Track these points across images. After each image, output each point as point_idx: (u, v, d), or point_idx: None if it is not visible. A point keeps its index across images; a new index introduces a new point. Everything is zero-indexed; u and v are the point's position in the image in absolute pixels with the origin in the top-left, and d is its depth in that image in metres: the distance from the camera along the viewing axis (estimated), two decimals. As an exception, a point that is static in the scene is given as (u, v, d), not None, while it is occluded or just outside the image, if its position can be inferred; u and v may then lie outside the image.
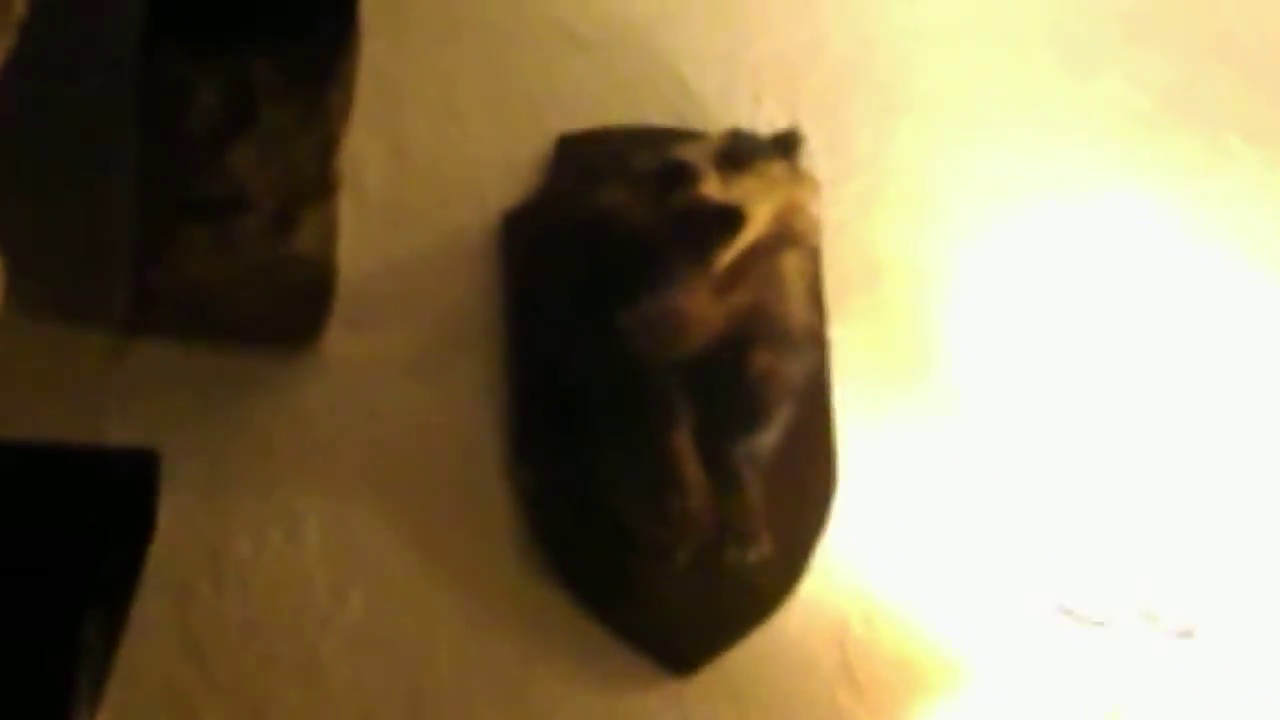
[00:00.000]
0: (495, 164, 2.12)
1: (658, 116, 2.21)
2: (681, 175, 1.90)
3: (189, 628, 1.85)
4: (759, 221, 1.91)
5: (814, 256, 2.06)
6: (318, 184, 1.82)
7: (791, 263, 2.00)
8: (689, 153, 1.95)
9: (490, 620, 1.98)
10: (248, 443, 1.95)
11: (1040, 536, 2.16)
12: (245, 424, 1.97)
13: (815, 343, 2.05)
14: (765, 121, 2.16)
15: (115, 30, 1.93)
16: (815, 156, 2.12)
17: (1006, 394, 2.23)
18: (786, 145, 1.99)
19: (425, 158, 2.12)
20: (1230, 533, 2.19)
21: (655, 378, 1.97)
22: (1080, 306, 2.28)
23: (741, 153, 1.96)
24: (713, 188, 1.89)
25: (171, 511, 1.76)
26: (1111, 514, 2.15)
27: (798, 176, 1.98)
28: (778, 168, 1.95)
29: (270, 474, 1.94)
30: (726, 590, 2.00)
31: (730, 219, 1.90)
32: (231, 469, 1.93)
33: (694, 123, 2.18)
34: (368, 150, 2.04)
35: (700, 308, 1.94)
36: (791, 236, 1.98)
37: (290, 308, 1.87)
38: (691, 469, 1.97)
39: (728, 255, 1.90)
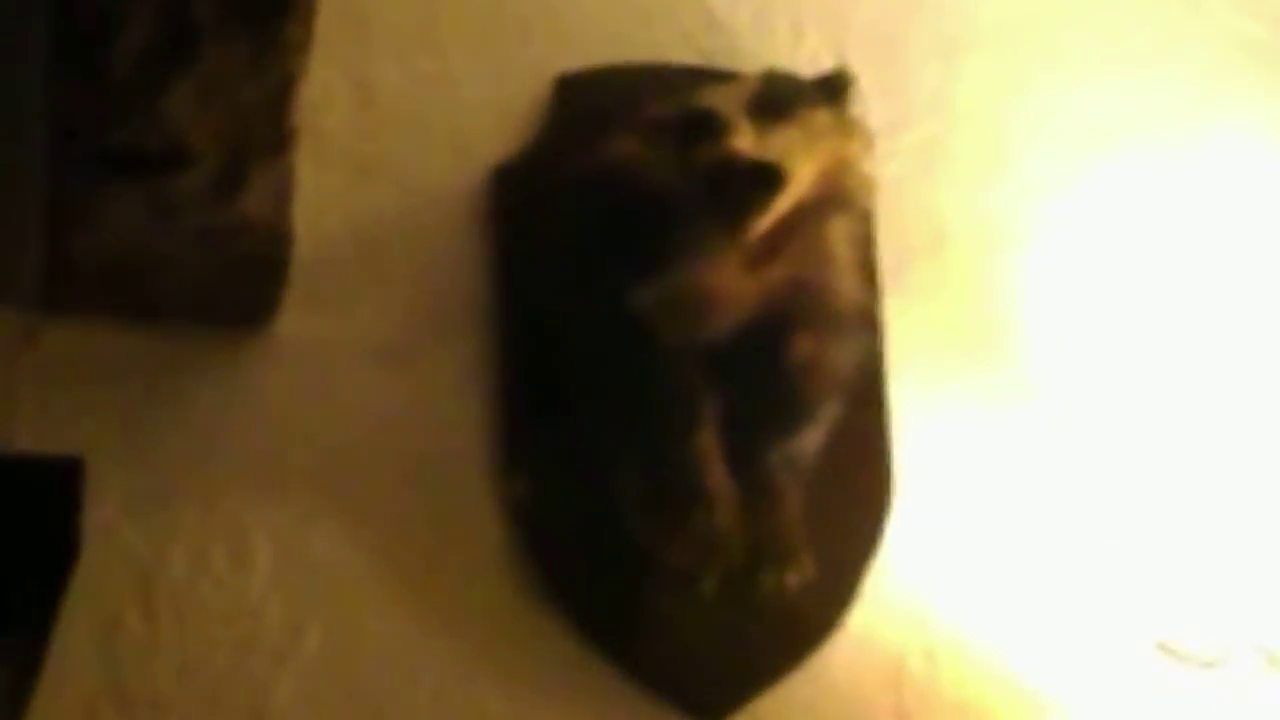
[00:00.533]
0: (481, 108, 2.10)
1: (679, 53, 2.21)
2: (708, 125, 1.90)
3: (116, 666, 1.83)
4: (801, 181, 1.91)
5: (866, 221, 2.07)
6: (270, 135, 1.77)
7: (839, 229, 2.01)
8: (716, 98, 1.94)
9: (476, 658, 1.97)
10: (186, 445, 1.93)
11: (1137, 560, 2.15)
12: (183, 422, 1.94)
13: (867, 325, 2.07)
14: (808, 60, 2.18)
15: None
16: (867, 102, 2.09)
17: (1096, 385, 2.25)
18: (833, 89, 1.99)
19: (399, 102, 2.09)
20: None
21: (675, 367, 1.97)
22: (1184, 276, 2.28)
23: (780, 98, 1.95)
24: (745, 141, 1.89)
25: (97, 528, 1.77)
26: (1223, 535, 2.15)
27: (846, 126, 1.98)
28: (823, 116, 1.95)
29: (213, 482, 1.91)
30: (761, 622, 2.00)
31: (767, 178, 1.90)
32: (167, 477, 1.90)
33: (722, 61, 2.19)
34: (330, 95, 2.02)
35: (730, 284, 1.95)
36: (839, 198, 1.98)
37: (237, 282, 1.86)
38: (718, 477, 1.97)
39: (764, 221, 1.90)
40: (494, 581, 2.00)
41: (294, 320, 1.97)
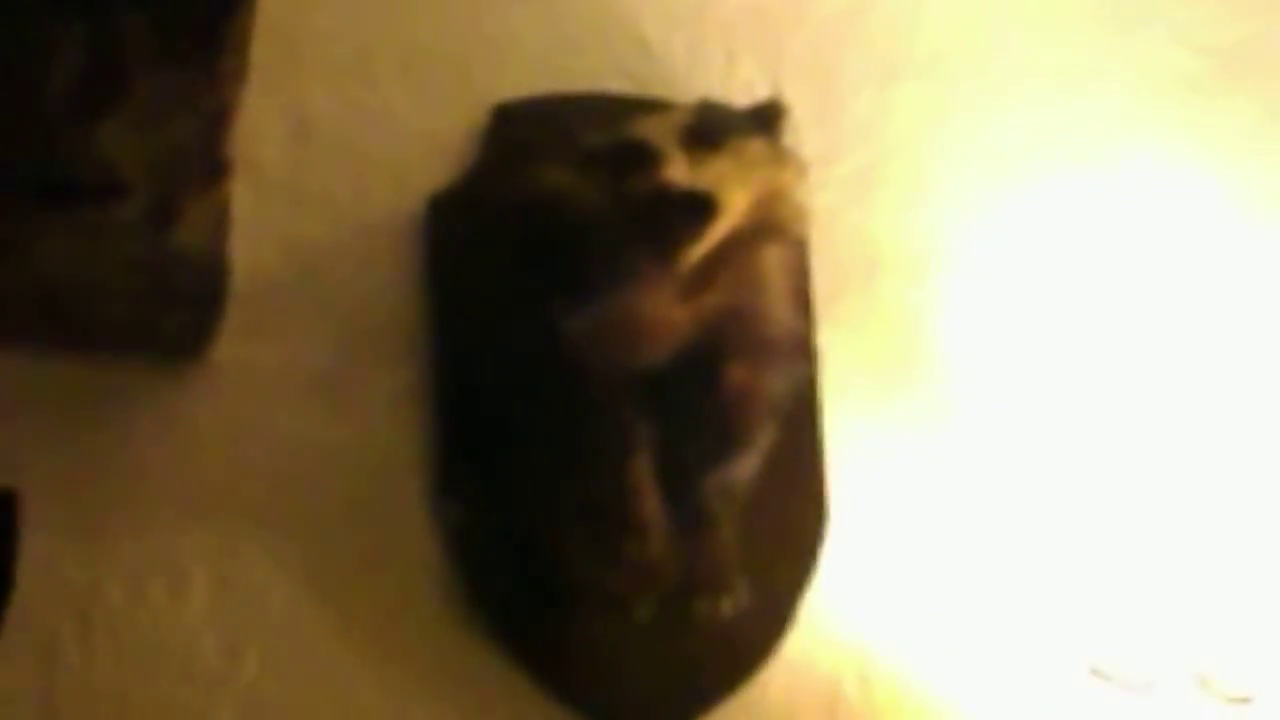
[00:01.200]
0: (417, 138, 2.08)
1: (613, 82, 2.20)
2: (641, 155, 1.88)
3: (53, 696, 1.82)
4: (734, 210, 1.90)
5: (800, 250, 2.07)
6: (205, 165, 1.75)
7: (773, 258, 2.00)
8: (650, 128, 1.93)
9: (412, 686, 1.96)
10: (121, 474, 1.92)
11: (1068, 584, 2.16)
12: (119, 452, 1.93)
13: (801, 352, 2.06)
14: (741, 89, 2.17)
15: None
16: (800, 131, 2.08)
17: (1027, 409, 2.23)
18: (767, 118, 1.98)
19: (333, 132, 2.08)
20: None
21: (608, 395, 1.96)
22: (1117, 303, 2.28)
23: (713, 128, 1.94)
24: (678, 170, 1.87)
25: (32, 559, 1.76)
26: (1155, 558, 2.11)
27: (780, 156, 1.97)
28: (756, 145, 1.94)
29: (149, 512, 1.90)
30: (696, 649, 2.01)
31: (699, 207, 1.88)
32: (103, 507, 1.89)
33: (656, 90, 2.18)
34: (266, 125, 2.01)
35: (663, 311, 1.94)
36: (773, 227, 1.97)
37: (172, 312, 1.84)
38: (651, 504, 1.96)
39: (697, 250, 1.87)
40: (429, 608, 1.99)
41: (230, 349, 1.94)
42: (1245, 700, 2.02)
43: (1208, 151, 2.34)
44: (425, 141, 2.10)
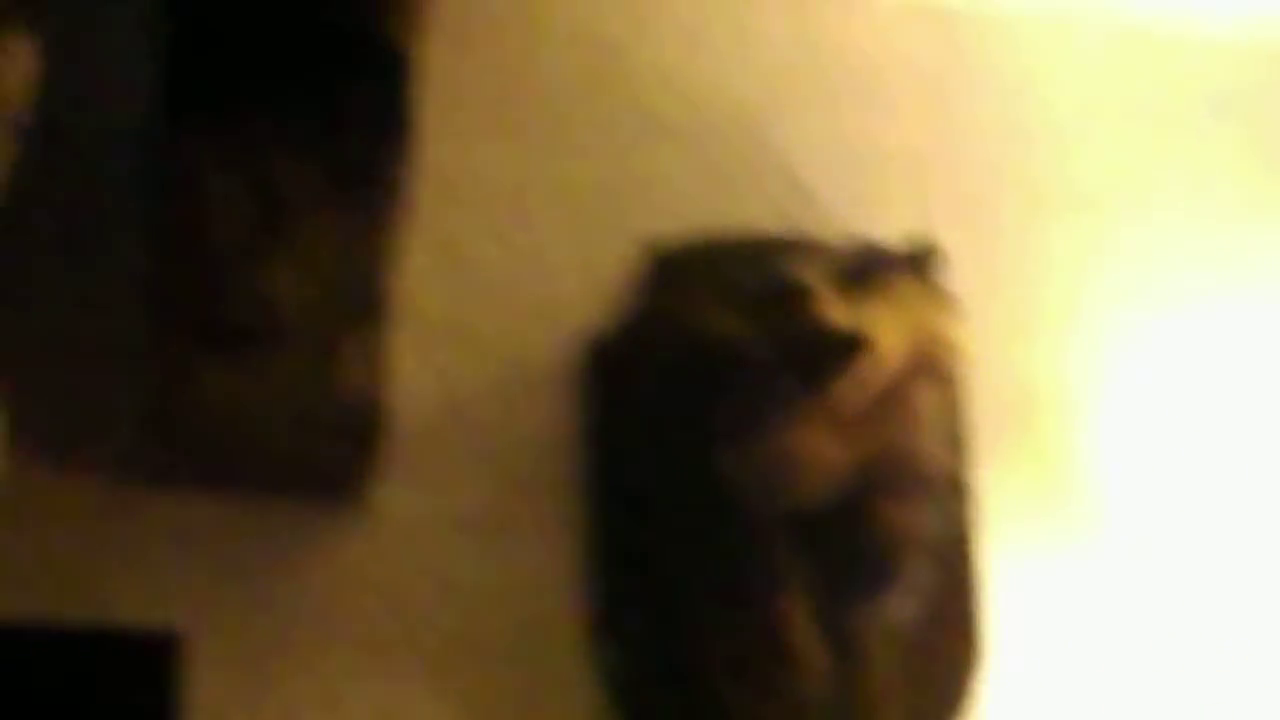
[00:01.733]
0: (573, 278, 2.08)
1: (765, 221, 2.19)
2: (796, 295, 1.92)
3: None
4: (888, 351, 1.92)
5: (955, 389, 2.05)
6: (364, 307, 1.77)
7: (928, 397, 2.00)
8: (803, 268, 1.96)
9: None
10: (282, 616, 1.92)
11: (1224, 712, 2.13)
12: (279, 593, 1.93)
13: (955, 490, 2.05)
14: (894, 228, 2.16)
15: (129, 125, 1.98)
16: (955, 270, 2.10)
17: (1184, 546, 2.15)
18: (920, 259, 2.00)
19: (490, 272, 2.09)
20: None
21: (762, 531, 1.95)
22: (1265, 435, 2.22)
23: (867, 268, 1.97)
24: (832, 310, 1.91)
25: (193, 703, 1.76)
26: None
27: (935, 296, 2.00)
28: (910, 286, 1.97)
29: (310, 654, 1.90)
30: None
31: (852, 346, 1.91)
32: (261, 646, 1.88)
33: (809, 230, 2.18)
34: (424, 266, 2.00)
35: (817, 449, 1.93)
36: (928, 367, 1.98)
37: (332, 452, 1.82)
38: (805, 640, 1.93)
39: (852, 390, 1.88)
40: None
41: (388, 490, 1.94)
42: None
43: None
44: (580, 281, 2.09)
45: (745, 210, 2.19)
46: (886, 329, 1.92)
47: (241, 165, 1.77)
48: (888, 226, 2.15)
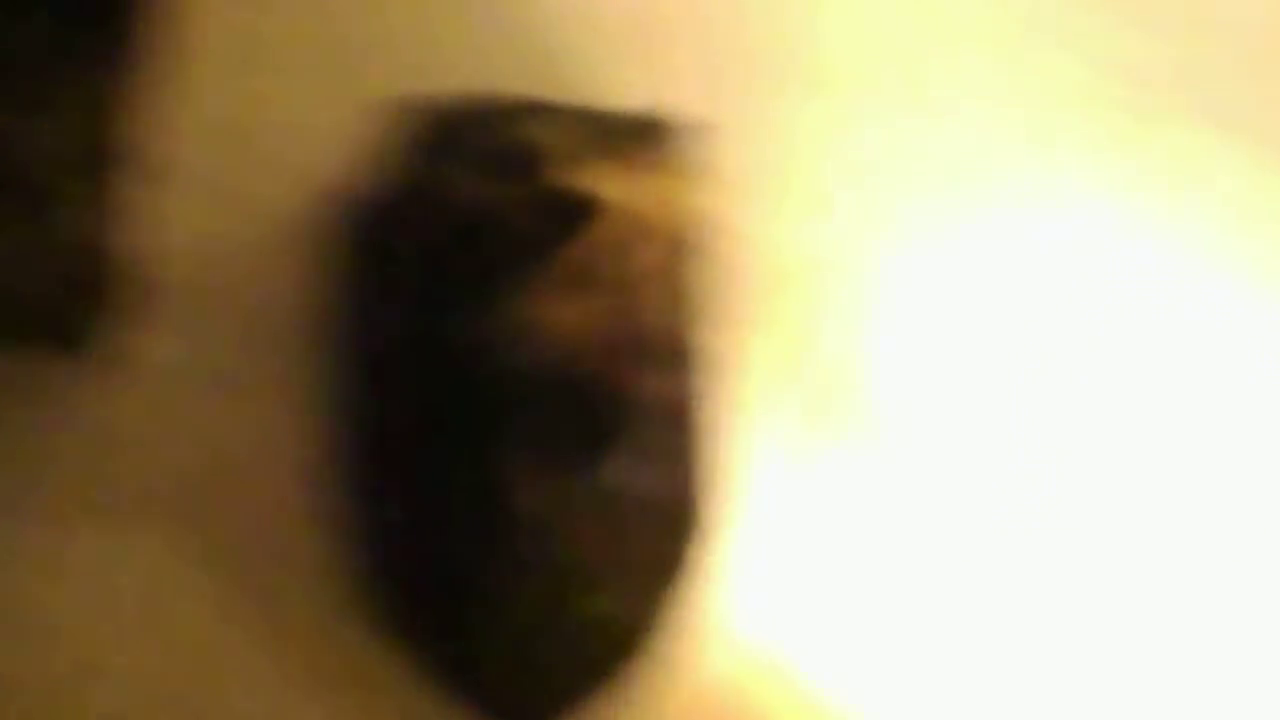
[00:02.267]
0: (319, 134, 2.05)
1: (507, 83, 2.16)
2: (535, 158, 1.89)
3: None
4: (630, 216, 1.91)
5: (698, 258, 2.00)
6: (96, 157, 1.77)
7: (670, 265, 1.96)
8: (543, 132, 1.92)
9: (311, 683, 1.91)
10: (10, 469, 1.90)
11: (961, 598, 2.14)
12: (6, 446, 1.91)
13: (699, 359, 1.97)
14: (641, 96, 2.15)
15: None
16: (705, 140, 2.08)
17: (936, 421, 2.24)
18: (668, 127, 1.97)
19: (239, 128, 2.05)
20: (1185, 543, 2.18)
21: (495, 396, 1.92)
22: (1016, 310, 2.27)
23: (611, 134, 1.95)
24: (573, 175, 1.91)
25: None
26: (1053, 555, 2.11)
27: (683, 165, 1.97)
28: (657, 154, 1.95)
29: (34, 506, 1.89)
30: (577, 645, 1.96)
31: (583, 210, 1.89)
32: (-2, 500, 1.90)
33: (553, 93, 2.15)
34: (175, 120, 1.98)
35: (555, 316, 1.89)
36: (671, 234, 1.96)
37: (59, 301, 1.80)
38: (535, 503, 1.91)
39: (592, 255, 1.89)
40: (330, 606, 1.95)
41: (127, 341, 1.93)
42: None
43: (1123, 170, 2.35)
44: (337, 141, 2.05)
45: (485, 73, 2.14)
46: (629, 195, 1.91)
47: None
48: (636, 95, 2.11)
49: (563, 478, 1.92)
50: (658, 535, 1.99)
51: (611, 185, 1.88)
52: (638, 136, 1.94)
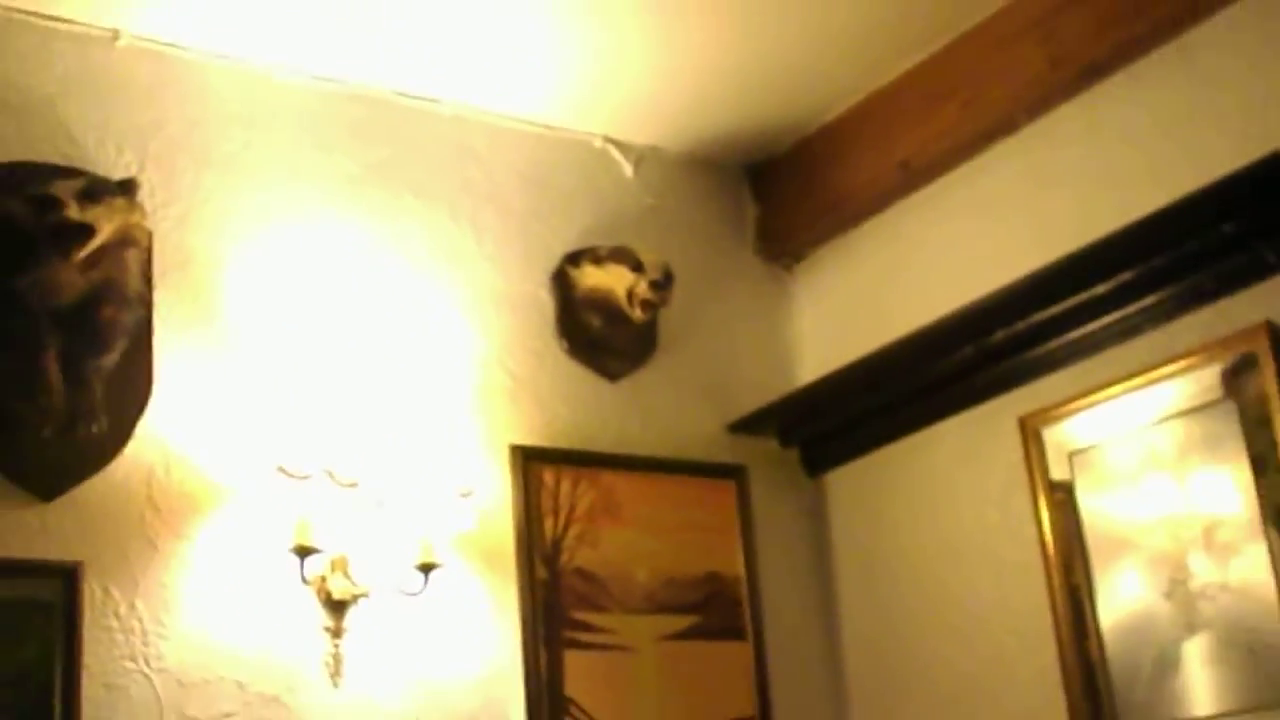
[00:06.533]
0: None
1: (53, 156, 2.82)
2: (53, 203, 2.58)
3: None
4: (105, 233, 2.60)
5: (146, 251, 2.78)
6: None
7: (131, 255, 2.70)
8: (59, 188, 2.59)
9: None
10: None
11: (275, 425, 2.86)
12: None
13: (144, 303, 2.74)
14: (121, 169, 2.86)
15: None
16: (151, 191, 2.86)
17: (270, 335, 2.95)
18: (128, 187, 2.70)
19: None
20: (378, 412, 2.90)
21: (37, 321, 2.61)
22: (316, 291, 3.04)
23: (96, 190, 2.65)
24: (73, 211, 2.58)
25: None
26: (317, 407, 2.87)
27: (134, 205, 2.69)
28: (120, 200, 2.66)
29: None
30: (78, 450, 2.65)
31: (84, 232, 2.59)
32: None
33: (80, 163, 2.81)
34: None
35: (67, 280, 2.61)
36: (130, 240, 2.69)
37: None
38: (56, 377, 2.63)
39: (85, 252, 2.59)
40: None
41: None
42: (355, 485, 2.80)
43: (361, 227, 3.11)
44: None
45: (45, 151, 2.81)
46: (105, 221, 2.62)
47: None
48: (119, 169, 2.86)
49: (77, 366, 2.55)
50: (129, 394, 2.75)
51: (96, 216, 2.60)
52: (115, 191, 2.66)
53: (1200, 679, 2.65)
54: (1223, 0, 2.71)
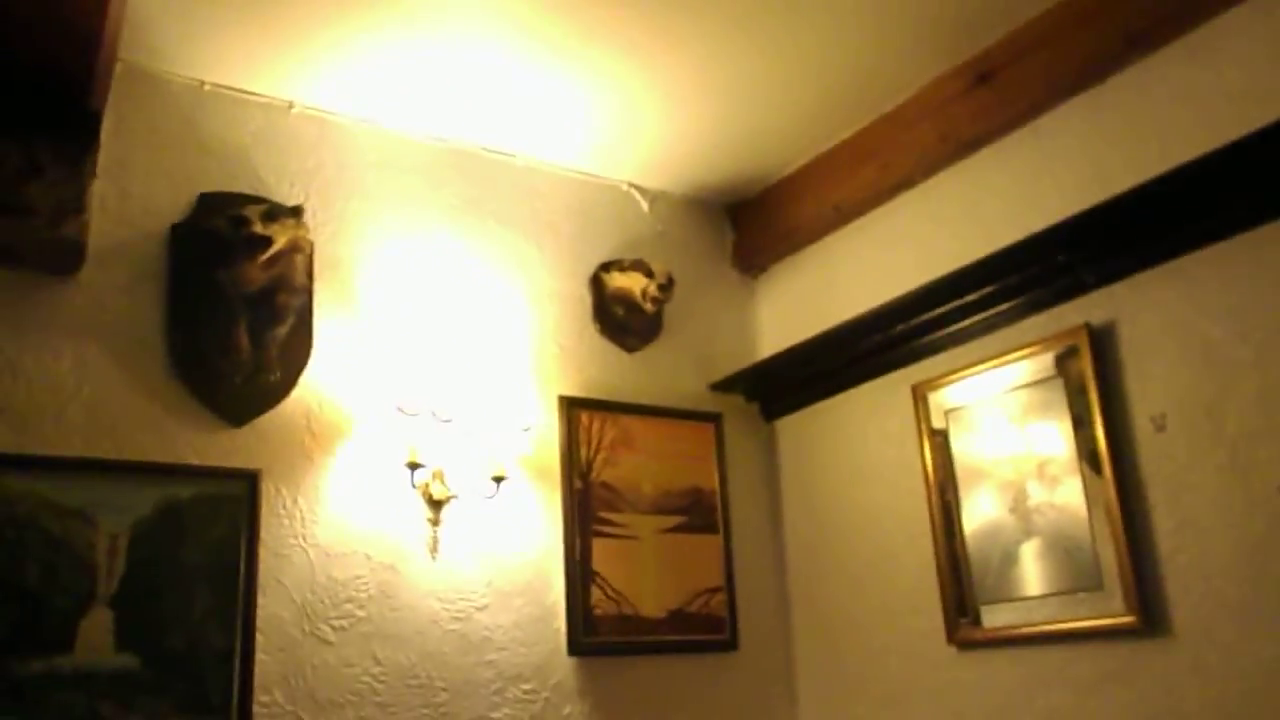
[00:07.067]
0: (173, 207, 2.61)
1: (246, 188, 2.76)
2: (244, 220, 2.54)
3: None
4: (280, 243, 2.56)
5: (309, 257, 2.71)
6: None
7: (298, 258, 2.64)
8: (249, 210, 2.55)
9: (146, 408, 2.42)
10: None
11: (395, 378, 2.78)
12: None
13: (307, 292, 2.68)
14: (293, 198, 2.79)
15: None
16: (313, 214, 2.79)
17: (393, 316, 2.84)
18: (297, 211, 2.64)
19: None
20: (467, 370, 2.79)
21: (233, 302, 2.57)
22: (426, 286, 2.91)
23: (275, 212, 2.59)
24: (258, 227, 2.54)
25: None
26: (425, 367, 2.76)
27: (301, 224, 2.62)
28: (291, 220, 2.60)
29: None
30: (259, 392, 2.62)
31: (265, 242, 2.55)
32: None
33: (264, 193, 2.76)
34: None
35: (254, 275, 2.56)
36: (298, 248, 2.62)
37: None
38: (245, 342, 2.59)
39: (265, 256, 2.54)
40: (160, 375, 2.49)
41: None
42: (450, 420, 2.68)
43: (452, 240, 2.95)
44: (173, 207, 2.58)
45: (238, 184, 2.74)
46: (279, 234, 2.56)
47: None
48: (291, 198, 2.78)
49: (260, 333, 2.52)
50: (296, 353, 2.61)
51: (274, 231, 2.51)
52: (288, 213, 2.56)
53: (1032, 570, 2.62)
54: (1064, 95, 2.64)
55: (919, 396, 2.88)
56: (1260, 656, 2.12)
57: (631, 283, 3.16)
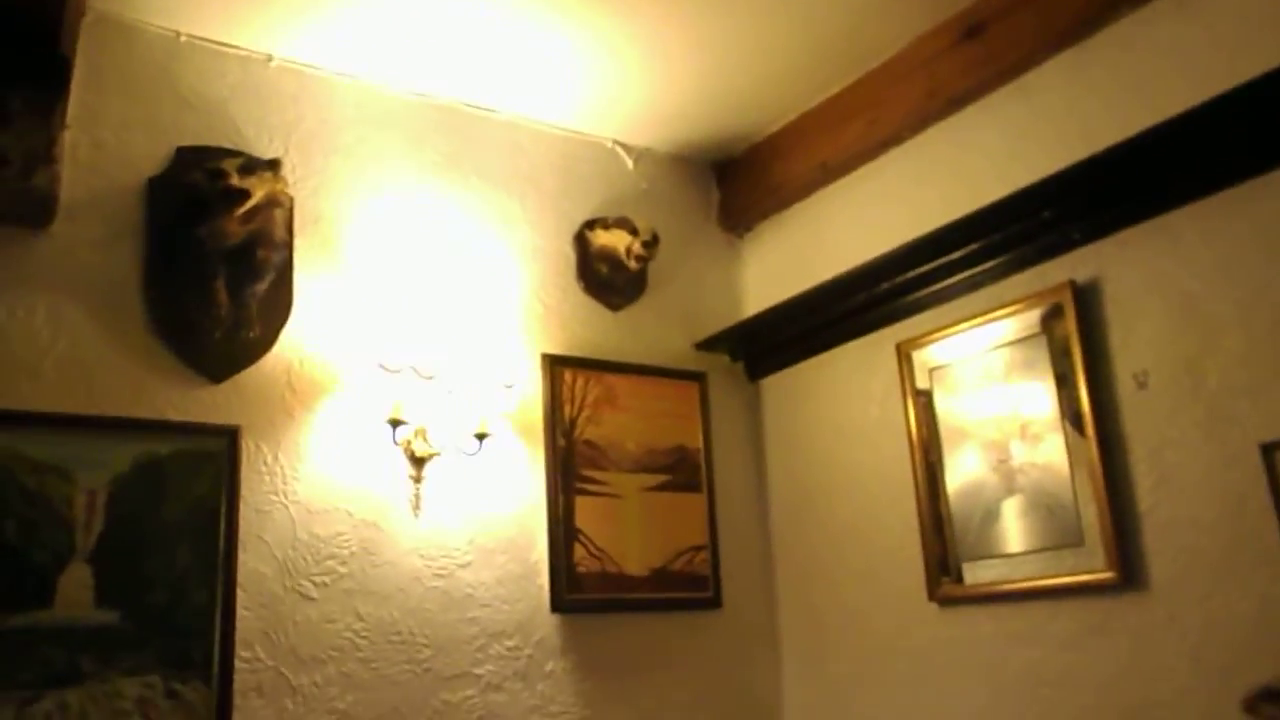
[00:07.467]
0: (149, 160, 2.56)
1: (225, 142, 2.71)
2: (221, 173, 2.50)
3: None
4: (258, 196, 2.52)
5: (288, 211, 2.66)
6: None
7: (277, 213, 2.60)
8: (226, 163, 2.51)
9: (129, 356, 2.39)
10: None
11: (378, 335, 2.76)
12: None
13: (287, 247, 2.63)
14: (272, 152, 2.74)
15: None
16: (292, 169, 2.74)
17: (375, 272, 2.82)
18: (275, 164, 2.60)
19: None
20: (450, 326, 2.74)
21: (211, 257, 2.52)
22: (408, 241, 2.87)
23: (252, 165, 2.56)
24: (235, 180, 2.49)
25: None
26: (407, 322, 2.73)
27: (279, 177, 2.59)
28: (269, 173, 2.57)
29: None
30: (239, 348, 2.58)
31: (243, 195, 2.51)
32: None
33: (243, 147, 2.72)
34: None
35: (232, 229, 2.52)
36: (276, 202, 2.59)
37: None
38: (224, 297, 2.55)
39: (243, 209, 2.50)
40: (138, 334, 2.45)
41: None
42: (433, 377, 2.66)
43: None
44: (151, 158, 2.53)
45: (217, 138, 2.69)
46: (257, 187, 2.52)
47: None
48: (270, 151, 2.73)
49: (239, 291, 2.47)
50: (276, 309, 2.56)
51: (251, 184, 2.47)
52: (265, 166, 2.54)
53: (1014, 527, 2.61)
54: (1052, 50, 2.61)
55: (903, 355, 2.87)
56: (1234, 610, 2.14)
57: (616, 240, 3.11)
